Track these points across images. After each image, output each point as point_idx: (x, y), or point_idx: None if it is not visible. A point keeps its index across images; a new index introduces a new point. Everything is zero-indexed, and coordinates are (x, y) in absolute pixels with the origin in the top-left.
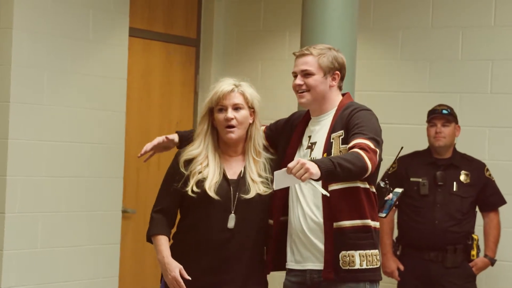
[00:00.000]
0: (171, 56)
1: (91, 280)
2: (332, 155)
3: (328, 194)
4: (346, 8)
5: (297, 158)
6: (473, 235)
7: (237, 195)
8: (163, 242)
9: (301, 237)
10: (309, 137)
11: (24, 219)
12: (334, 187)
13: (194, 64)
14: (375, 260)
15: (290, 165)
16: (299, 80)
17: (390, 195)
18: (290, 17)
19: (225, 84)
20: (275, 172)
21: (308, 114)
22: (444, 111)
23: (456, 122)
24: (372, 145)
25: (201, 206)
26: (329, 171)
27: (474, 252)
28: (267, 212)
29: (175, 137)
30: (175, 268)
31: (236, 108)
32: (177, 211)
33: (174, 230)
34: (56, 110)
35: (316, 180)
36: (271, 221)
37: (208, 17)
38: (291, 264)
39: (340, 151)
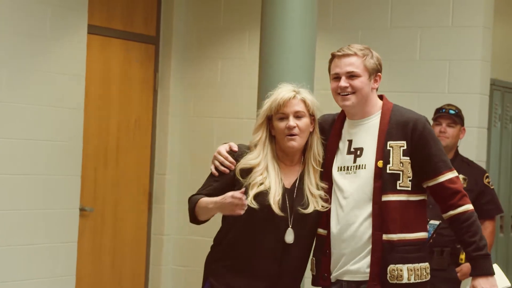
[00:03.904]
0: (130, 54)
1: (48, 279)
2: (392, 164)
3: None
4: (306, 7)
5: (337, 164)
6: (458, 240)
7: (294, 208)
8: (206, 199)
9: (342, 248)
10: (349, 141)
11: None
12: (389, 198)
13: (153, 62)
14: (424, 273)
15: None
16: (344, 82)
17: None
18: (250, 16)
19: (285, 91)
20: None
21: (342, 117)
22: (452, 111)
23: (462, 124)
24: (456, 174)
25: (259, 217)
26: (491, 261)
27: (462, 256)
28: (317, 225)
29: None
30: (227, 194)
31: (298, 116)
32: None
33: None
34: (14, 108)
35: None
36: (322, 231)
37: (167, 15)
38: (333, 277)
39: (401, 162)
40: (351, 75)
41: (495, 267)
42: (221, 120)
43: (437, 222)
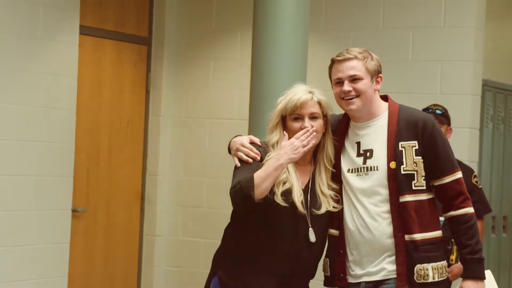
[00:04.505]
0: (122, 55)
1: (40, 280)
2: (406, 165)
3: None
4: (298, 8)
5: (347, 166)
6: (453, 240)
7: (308, 208)
8: (259, 171)
9: (360, 249)
10: (358, 143)
11: None
12: (407, 198)
13: (145, 62)
14: (444, 271)
15: None
16: (347, 86)
17: None
18: (242, 16)
19: (301, 92)
20: None
21: (346, 119)
22: (438, 111)
23: (449, 124)
24: (461, 175)
25: (283, 215)
26: (484, 266)
27: (453, 257)
28: (329, 226)
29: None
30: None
31: (313, 117)
32: None
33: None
34: (6, 108)
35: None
36: (334, 232)
37: (159, 16)
38: (350, 278)
39: (414, 162)
40: (354, 79)
41: (488, 273)
42: (213, 121)
43: (442, 218)
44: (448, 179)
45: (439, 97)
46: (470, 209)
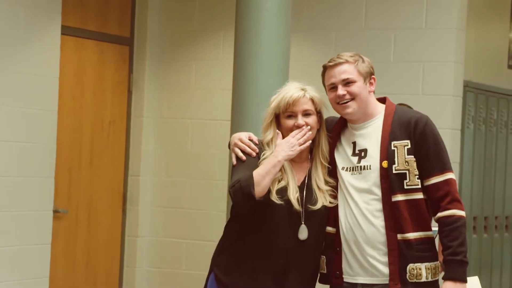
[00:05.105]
0: (104, 55)
1: (21, 281)
2: (397, 164)
3: None
4: (280, 8)
5: (341, 164)
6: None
7: (304, 205)
8: (258, 168)
9: (353, 248)
10: (354, 143)
11: None
12: (398, 198)
13: (127, 63)
14: (437, 272)
15: None
16: (341, 90)
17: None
18: (225, 17)
19: (293, 89)
20: None
21: (342, 122)
22: None
23: None
24: (452, 177)
25: (278, 213)
26: (466, 270)
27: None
28: (326, 223)
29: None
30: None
31: (306, 114)
32: None
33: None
34: None
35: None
36: (330, 229)
37: (142, 16)
38: (345, 277)
39: (406, 162)
40: (347, 82)
41: (475, 279)
42: (196, 122)
43: (435, 229)
44: (436, 179)
45: (420, 97)
46: (458, 212)
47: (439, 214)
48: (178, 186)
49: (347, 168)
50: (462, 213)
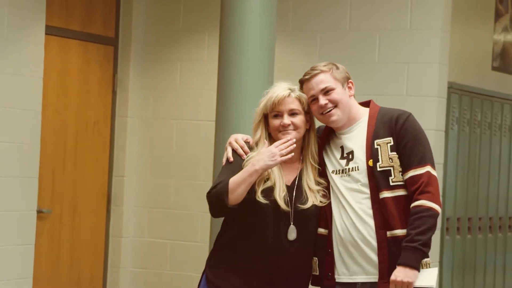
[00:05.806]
0: (88, 55)
1: (5, 281)
2: (381, 162)
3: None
4: (265, 9)
5: (331, 167)
6: None
7: (294, 205)
8: (235, 176)
9: (350, 249)
10: (341, 147)
11: None
12: (385, 195)
13: (112, 63)
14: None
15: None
16: (323, 100)
17: None
18: (210, 18)
19: (280, 89)
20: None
21: (328, 129)
22: None
23: None
24: (431, 170)
25: (264, 213)
26: (421, 259)
27: None
28: (317, 224)
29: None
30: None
31: (293, 113)
32: None
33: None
34: None
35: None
36: (322, 231)
37: (126, 16)
38: (340, 278)
39: (390, 158)
40: (326, 91)
41: (434, 270)
42: (181, 122)
43: None
44: (413, 172)
45: (405, 99)
46: (426, 203)
47: (411, 205)
48: (163, 187)
49: (337, 171)
50: (431, 204)
